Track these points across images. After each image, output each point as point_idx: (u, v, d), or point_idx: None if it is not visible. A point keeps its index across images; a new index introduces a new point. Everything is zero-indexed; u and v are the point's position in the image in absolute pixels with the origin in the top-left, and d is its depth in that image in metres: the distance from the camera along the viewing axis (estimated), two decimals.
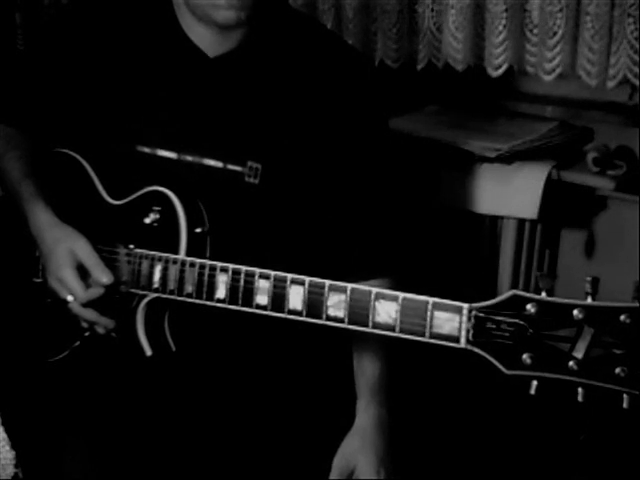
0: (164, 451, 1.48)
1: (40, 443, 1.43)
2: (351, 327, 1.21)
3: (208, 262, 1.32)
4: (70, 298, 1.40)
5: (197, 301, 1.33)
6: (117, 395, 1.49)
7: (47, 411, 1.47)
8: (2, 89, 1.64)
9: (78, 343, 1.47)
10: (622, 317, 1.02)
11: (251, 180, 1.46)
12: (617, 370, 1.02)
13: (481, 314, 1.09)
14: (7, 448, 1.33)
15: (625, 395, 1.03)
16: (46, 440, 1.44)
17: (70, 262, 1.39)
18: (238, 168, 1.46)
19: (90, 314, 1.41)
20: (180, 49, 1.47)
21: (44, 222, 1.45)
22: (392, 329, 1.16)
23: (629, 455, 2.05)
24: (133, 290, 1.40)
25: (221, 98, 1.47)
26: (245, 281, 1.28)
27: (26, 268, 1.53)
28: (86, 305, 1.40)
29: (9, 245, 1.58)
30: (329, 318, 1.22)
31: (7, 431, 1.35)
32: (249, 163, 1.45)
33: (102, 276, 1.37)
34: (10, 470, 1.33)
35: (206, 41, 1.46)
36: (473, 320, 1.10)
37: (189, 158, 1.47)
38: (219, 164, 1.47)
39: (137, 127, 1.49)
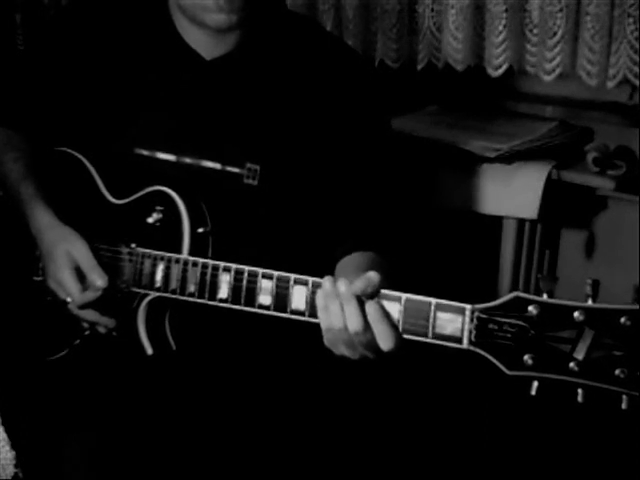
0: (164, 450, 1.48)
1: (40, 443, 1.43)
2: None
3: (211, 262, 1.33)
4: (69, 299, 1.40)
5: (199, 301, 1.33)
6: (117, 394, 1.49)
7: (47, 411, 1.46)
8: (1, 90, 1.64)
9: (78, 341, 1.47)
10: (622, 319, 1.02)
11: (250, 181, 1.46)
12: (617, 371, 1.03)
13: (483, 315, 1.10)
14: (7, 448, 1.34)
15: (624, 396, 1.03)
16: (46, 440, 1.44)
17: (68, 264, 1.40)
18: (237, 170, 1.46)
19: (90, 314, 1.42)
20: (176, 52, 1.48)
21: (43, 223, 1.46)
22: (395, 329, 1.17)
23: (627, 456, 2.05)
24: (135, 289, 1.41)
25: (219, 100, 1.47)
26: (248, 281, 1.28)
27: (26, 266, 1.53)
28: (86, 305, 1.40)
29: (9, 244, 1.58)
30: None
31: (7, 431, 1.35)
32: (248, 165, 1.46)
33: (97, 279, 1.38)
34: (10, 470, 1.33)
35: (202, 44, 1.46)
36: (475, 321, 1.10)
37: (188, 160, 1.48)
38: (217, 166, 1.47)
39: (135, 130, 1.50)
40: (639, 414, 1.05)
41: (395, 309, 1.15)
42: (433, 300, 1.13)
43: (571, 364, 1.05)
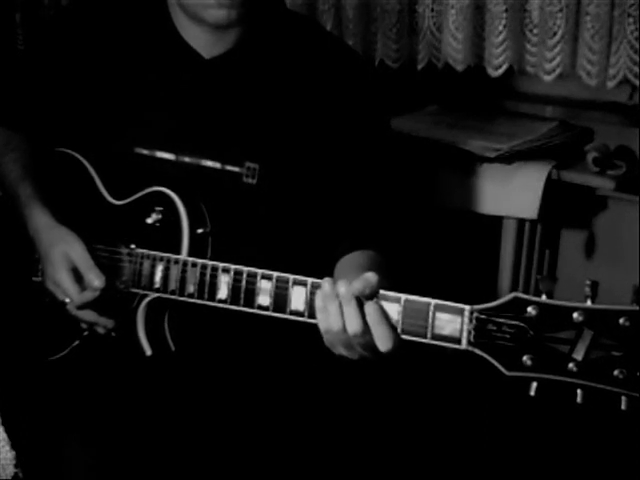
0: (164, 451, 1.48)
1: (40, 443, 1.43)
2: None
3: (210, 262, 1.33)
4: (67, 300, 1.41)
5: (199, 301, 1.33)
6: (117, 395, 1.50)
7: (47, 411, 1.46)
8: (1, 90, 1.64)
9: (77, 342, 1.48)
10: (621, 320, 1.02)
11: (249, 180, 1.46)
12: (616, 372, 1.03)
13: (482, 316, 1.09)
14: (7, 448, 1.34)
15: (623, 397, 1.03)
16: (46, 440, 1.44)
17: (65, 265, 1.40)
18: (236, 169, 1.46)
19: (88, 315, 1.42)
20: (175, 51, 1.48)
21: (41, 224, 1.46)
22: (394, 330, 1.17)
23: (627, 456, 2.05)
24: (134, 290, 1.41)
25: (217, 99, 1.47)
26: (247, 282, 1.28)
27: (25, 267, 1.54)
28: (84, 306, 1.40)
29: (8, 244, 1.58)
30: None
31: (7, 431, 1.35)
32: (246, 164, 1.46)
33: (94, 280, 1.38)
34: (10, 470, 1.33)
35: (201, 42, 1.46)
36: (474, 322, 1.10)
37: (187, 159, 1.48)
38: (217, 165, 1.47)
39: (134, 129, 1.50)
40: (638, 415, 1.05)
41: (394, 310, 1.15)
42: (432, 301, 1.13)
43: (570, 365, 1.05)
